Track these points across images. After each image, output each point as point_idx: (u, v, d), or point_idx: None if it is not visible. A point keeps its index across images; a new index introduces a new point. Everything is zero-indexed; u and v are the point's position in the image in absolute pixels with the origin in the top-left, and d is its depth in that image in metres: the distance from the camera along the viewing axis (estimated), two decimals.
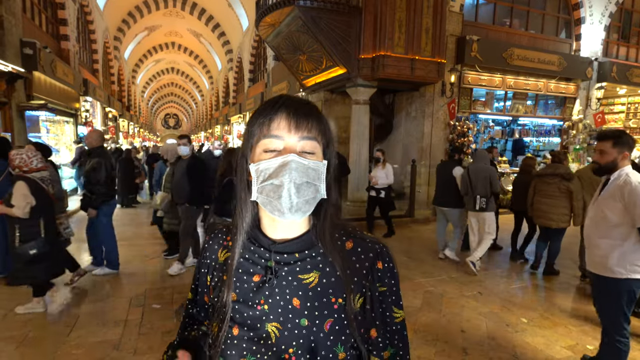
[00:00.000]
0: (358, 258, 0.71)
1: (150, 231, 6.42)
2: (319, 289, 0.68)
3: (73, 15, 10.77)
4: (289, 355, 0.66)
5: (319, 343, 0.66)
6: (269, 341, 0.66)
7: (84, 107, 11.41)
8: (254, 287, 0.69)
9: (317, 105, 3.07)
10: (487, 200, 4.48)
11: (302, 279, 0.68)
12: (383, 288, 0.72)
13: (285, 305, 0.67)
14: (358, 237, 0.73)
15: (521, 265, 4.97)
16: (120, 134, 18.37)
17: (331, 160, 0.70)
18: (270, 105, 0.67)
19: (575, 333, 3.17)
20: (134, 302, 3.58)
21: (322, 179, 0.67)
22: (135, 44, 21.60)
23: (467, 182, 4.59)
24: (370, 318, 0.71)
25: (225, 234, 0.78)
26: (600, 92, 10.05)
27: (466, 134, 8.42)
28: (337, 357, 0.67)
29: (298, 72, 8.99)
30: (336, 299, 0.68)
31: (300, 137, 0.65)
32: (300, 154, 0.64)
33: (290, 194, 0.63)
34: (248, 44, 17.40)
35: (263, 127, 0.66)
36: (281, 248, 0.69)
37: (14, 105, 6.64)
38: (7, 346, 2.77)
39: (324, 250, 0.69)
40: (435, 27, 7.23)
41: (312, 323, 0.67)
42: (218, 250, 0.77)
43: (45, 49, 7.68)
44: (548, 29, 9.81)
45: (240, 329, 0.68)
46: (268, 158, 0.65)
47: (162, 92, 40.01)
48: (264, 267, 0.69)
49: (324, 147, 0.69)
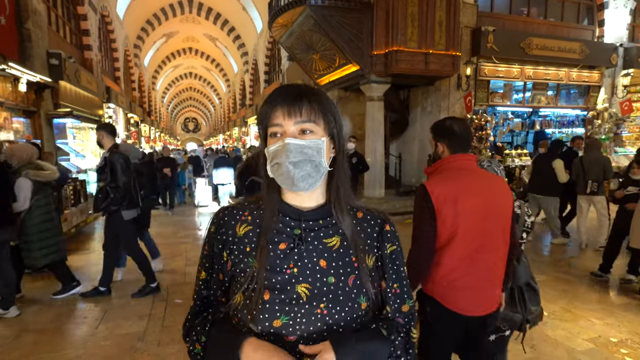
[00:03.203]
0: (368, 224, 0.83)
1: (172, 231, 6.63)
2: (341, 250, 0.79)
3: (95, 26, 11.21)
4: (321, 310, 0.74)
5: (345, 296, 0.76)
6: (300, 300, 0.74)
7: (107, 113, 11.85)
8: (280, 254, 0.77)
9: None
10: (598, 185, 4.88)
11: (326, 242, 0.79)
12: (393, 247, 0.84)
13: (313, 267, 0.76)
14: (365, 209, 0.86)
15: (542, 257, 4.85)
16: (142, 138, 18.96)
17: (336, 135, 0.80)
18: (269, 98, 0.78)
19: (599, 326, 3.09)
20: (157, 297, 3.73)
21: (322, 154, 0.76)
22: (154, 51, 22.25)
23: (579, 168, 4.99)
24: (382, 273, 0.83)
25: (242, 210, 0.84)
26: (626, 79, 9.62)
27: (484, 127, 8.25)
28: (361, 306, 0.77)
29: (312, 71, 9.05)
30: (356, 258, 0.79)
31: (295, 122, 0.75)
32: (298, 135, 0.75)
33: (289, 170, 0.73)
34: (262, 45, 17.61)
35: (266, 117, 0.78)
36: (308, 216, 0.79)
37: (43, 113, 6.99)
38: (40, 336, 2.95)
39: (336, 219, 0.80)
40: (449, 19, 7.13)
41: (337, 280, 0.77)
42: (236, 225, 0.82)
43: (69, 59, 8.03)
44: (568, 16, 9.49)
45: (271, 293, 0.74)
46: (274, 142, 0.76)
47: (181, 96, 41.00)
48: (291, 236, 0.78)
49: (326, 123, 0.78)
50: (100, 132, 3.62)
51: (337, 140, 0.80)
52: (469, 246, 1.54)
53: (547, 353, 2.69)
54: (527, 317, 1.80)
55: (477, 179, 1.61)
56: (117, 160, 3.49)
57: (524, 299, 1.82)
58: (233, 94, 27.35)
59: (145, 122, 20.75)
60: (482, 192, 1.57)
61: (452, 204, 1.51)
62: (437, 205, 1.52)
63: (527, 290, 1.85)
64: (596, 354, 2.68)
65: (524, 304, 1.81)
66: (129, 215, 3.66)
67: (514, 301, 1.81)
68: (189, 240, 6.10)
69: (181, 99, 41.96)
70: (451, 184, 1.56)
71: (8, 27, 6.05)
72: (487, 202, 1.56)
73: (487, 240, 1.56)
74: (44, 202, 3.55)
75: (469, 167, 1.61)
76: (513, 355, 2.68)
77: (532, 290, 1.87)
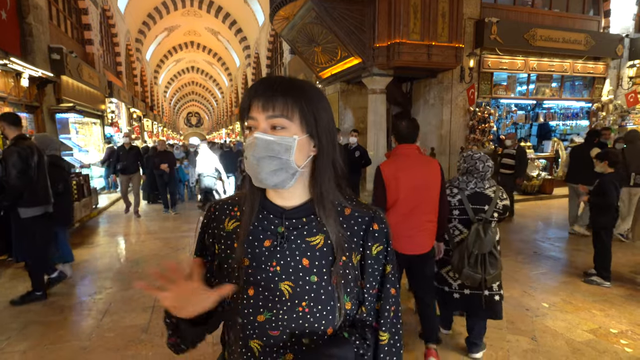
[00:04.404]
0: (355, 221, 0.80)
1: (175, 225, 6.69)
2: (325, 249, 0.77)
3: (96, 20, 11.19)
4: (302, 308, 0.74)
5: (327, 295, 0.75)
6: (283, 297, 0.74)
7: (110, 108, 11.88)
8: (265, 252, 0.76)
9: (334, 95, 3.07)
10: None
11: (309, 241, 0.77)
12: (380, 247, 0.80)
13: (295, 265, 0.75)
14: (355, 204, 0.82)
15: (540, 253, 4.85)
16: (145, 133, 19.00)
17: (315, 134, 0.75)
18: (248, 90, 0.76)
19: (599, 317, 3.10)
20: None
21: (290, 153, 0.72)
22: (156, 45, 22.19)
23: (621, 160, 5.03)
24: (366, 273, 0.80)
25: (232, 205, 0.84)
26: (632, 70, 9.49)
27: (487, 120, 8.21)
28: (344, 306, 0.76)
29: (314, 65, 9.00)
30: (340, 257, 0.77)
31: (267, 116, 0.72)
32: (270, 131, 0.72)
33: (253, 165, 0.73)
34: (264, 39, 17.52)
35: (245, 109, 0.76)
36: (290, 214, 0.78)
37: (45, 108, 7.02)
38: (47, 328, 3.00)
39: (320, 218, 0.77)
40: (452, 11, 7.04)
41: (320, 279, 0.75)
42: (225, 220, 0.83)
43: (71, 53, 8.04)
44: (574, 7, 9.35)
45: (255, 289, 0.75)
46: (248, 135, 0.75)
47: (184, 91, 40.96)
48: (275, 233, 0.77)
49: (302, 120, 0.73)
50: (0, 123, 3.31)
51: (316, 139, 0.75)
52: (406, 207, 2.29)
53: (547, 344, 2.71)
54: (485, 277, 2.36)
55: (414, 162, 2.33)
56: (12, 153, 3.17)
57: (485, 263, 2.36)
58: (235, 88, 27.29)
59: (148, 117, 20.77)
60: (416, 171, 2.31)
61: (394, 179, 2.30)
62: (386, 180, 2.32)
63: (489, 257, 2.37)
64: (596, 345, 2.69)
65: (484, 267, 2.36)
66: (28, 213, 3.31)
67: (477, 264, 2.36)
68: (192, 234, 6.15)
69: (183, 94, 41.93)
70: (394, 165, 2.33)
71: (9, 21, 6.05)
72: (419, 178, 2.30)
73: (419, 204, 2.29)
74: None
75: (409, 154, 2.35)
76: (512, 345, 2.71)
77: (494, 258, 2.39)
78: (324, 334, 0.74)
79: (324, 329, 0.74)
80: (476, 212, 2.44)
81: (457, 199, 2.49)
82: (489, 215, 2.42)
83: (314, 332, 0.74)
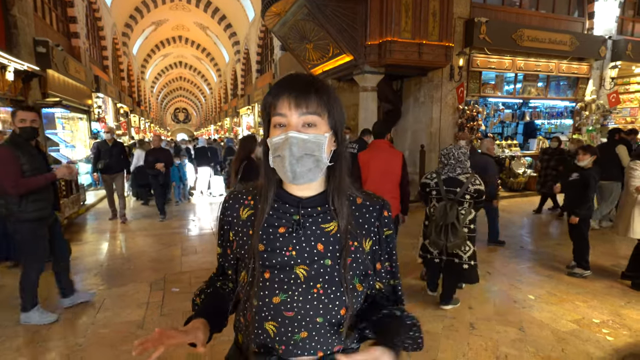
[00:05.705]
0: (367, 209, 0.88)
1: (166, 223, 6.63)
2: (338, 235, 0.82)
3: (82, 13, 10.93)
4: (317, 290, 0.79)
5: (341, 278, 0.80)
6: (298, 280, 0.79)
7: (96, 103, 11.66)
8: (279, 238, 0.81)
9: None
10: None
11: (324, 227, 0.83)
12: (389, 232, 0.90)
13: (310, 250, 0.81)
14: (365, 194, 0.91)
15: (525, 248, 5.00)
16: (132, 129, 18.68)
17: (338, 129, 0.82)
18: (276, 86, 0.79)
19: (583, 308, 3.23)
20: (154, 286, 3.77)
21: (322, 150, 0.77)
22: (143, 39, 21.78)
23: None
24: (378, 255, 0.89)
25: (246, 194, 0.89)
26: (614, 71, 9.78)
27: (475, 118, 8.36)
28: (356, 287, 0.82)
29: (305, 61, 9.00)
30: (352, 242, 0.83)
31: (300, 113, 0.76)
32: (302, 128, 0.76)
33: (292, 164, 0.75)
34: (254, 35, 17.38)
35: (272, 106, 0.78)
36: (307, 203, 0.83)
37: (31, 103, 6.85)
38: (41, 326, 2.97)
39: (334, 208, 0.83)
40: (442, 10, 7.14)
41: (334, 262, 0.81)
42: (239, 208, 0.88)
43: (57, 47, 7.85)
44: (560, 8, 9.56)
45: (271, 272, 0.80)
46: (278, 133, 0.77)
47: (171, 86, 40.34)
48: (290, 221, 0.82)
49: (330, 118, 0.80)
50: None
51: (339, 134, 0.82)
52: (374, 185, 3.21)
53: (534, 334, 2.82)
54: (447, 244, 2.97)
55: (382, 152, 3.34)
56: None
57: (447, 232, 2.97)
58: (224, 84, 27.03)
59: (135, 112, 20.44)
60: (382, 159, 3.28)
61: (366, 164, 3.34)
62: (361, 164, 3.38)
63: (451, 228, 2.95)
64: (580, 334, 2.82)
65: (446, 235, 2.97)
66: None
67: (441, 232, 2.99)
68: (184, 231, 6.12)
69: (171, 89, 41.30)
70: (368, 155, 3.40)
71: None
72: (384, 164, 3.28)
73: (383, 183, 3.21)
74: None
75: (380, 147, 3.39)
76: (501, 335, 2.81)
77: (455, 228, 2.95)
78: (337, 314, 0.79)
79: (338, 309, 0.79)
80: (450, 193, 3.02)
81: (434, 181, 3.10)
82: (458, 197, 2.97)
83: (327, 312, 0.79)
